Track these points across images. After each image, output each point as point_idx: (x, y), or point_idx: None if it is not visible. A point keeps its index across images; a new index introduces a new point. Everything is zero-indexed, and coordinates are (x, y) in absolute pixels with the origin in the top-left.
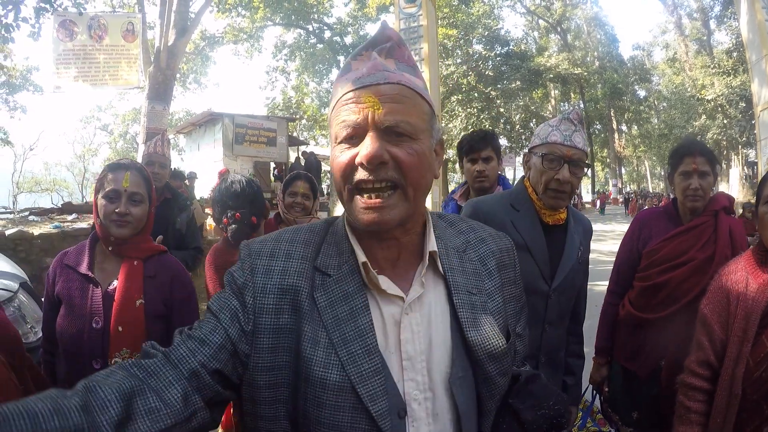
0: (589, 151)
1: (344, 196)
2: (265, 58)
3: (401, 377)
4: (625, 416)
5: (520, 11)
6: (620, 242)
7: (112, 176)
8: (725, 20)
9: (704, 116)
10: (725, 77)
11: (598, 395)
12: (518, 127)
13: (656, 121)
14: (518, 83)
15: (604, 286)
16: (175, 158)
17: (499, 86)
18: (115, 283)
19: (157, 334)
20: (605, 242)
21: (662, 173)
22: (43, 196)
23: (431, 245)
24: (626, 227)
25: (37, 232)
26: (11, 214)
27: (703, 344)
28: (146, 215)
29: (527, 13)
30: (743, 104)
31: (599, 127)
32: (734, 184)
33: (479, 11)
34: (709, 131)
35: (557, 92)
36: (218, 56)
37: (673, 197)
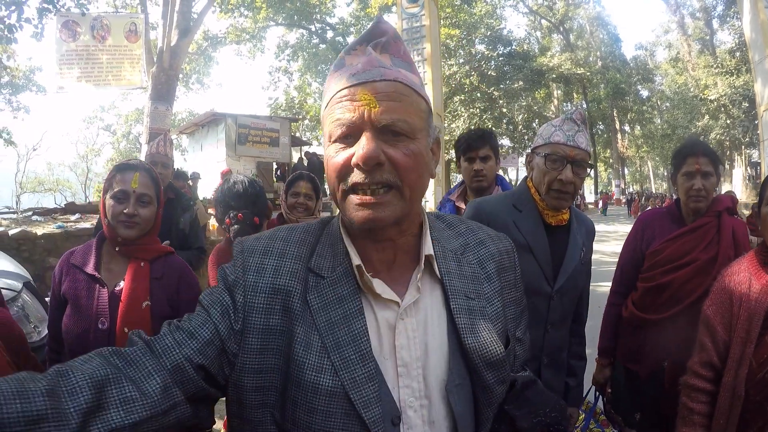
0: (592, 151)
1: (338, 195)
2: (267, 58)
3: (396, 384)
4: (627, 417)
5: (522, 11)
6: (623, 243)
7: (120, 177)
8: (728, 20)
9: (707, 116)
10: (728, 77)
11: (601, 396)
12: (521, 127)
13: (659, 121)
14: (521, 83)
15: (606, 286)
16: (178, 158)
17: (501, 86)
18: (121, 284)
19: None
20: (608, 243)
21: (665, 174)
22: (46, 196)
23: (428, 248)
24: (629, 228)
25: (40, 232)
26: (14, 214)
27: (706, 345)
28: (154, 216)
29: (530, 12)
30: (746, 104)
31: (602, 127)
32: (737, 184)
33: (482, 11)
34: (712, 131)
35: (560, 92)
36: (221, 56)
37: (676, 198)
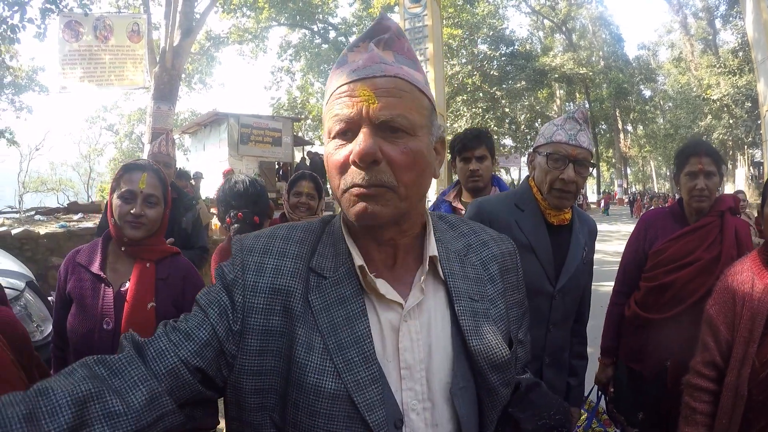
0: (594, 150)
1: (338, 193)
2: (270, 58)
3: (399, 386)
4: (630, 417)
5: (524, 11)
6: (626, 243)
7: (128, 176)
8: (731, 19)
9: (710, 116)
10: (731, 77)
11: (603, 396)
12: (523, 127)
13: (662, 121)
14: (523, 83)
15: (609, 286)
16: (180, 158)
17: (504, 86)
18: (127, 284)
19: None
20: (610, 243)
21: (668, 173)
22: (48, 195)
23: (431, 249)
24: (631, 228)
25: (43, 231)
26: (17, 213)
27: (708, 345)
28: (161, 217)
29: (532, 12)
30: (749, 104)
31: (604, 127)
32: (740, 184)
33: (484, 11)
34: (714, 131)
35: (562, 92)
36: (223, 56)
37: (678, 197)
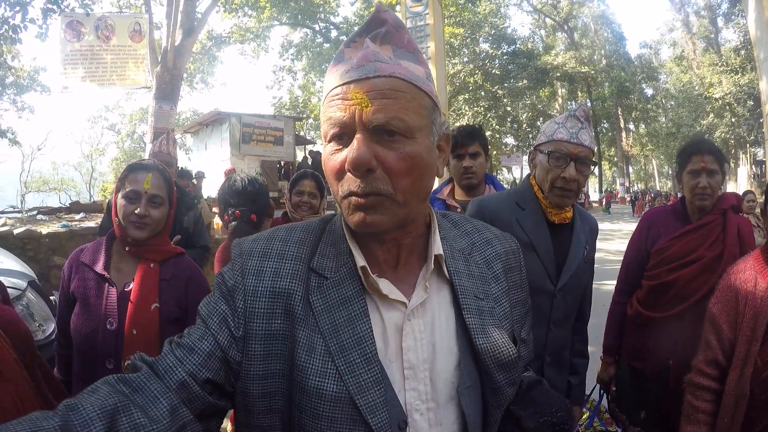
0: (596, 149)
1: (338, 198)
2: (271, 57)
3: (402, 387)
4: (632, 416)
5: (526, 9)
6: (628, 241)
7: (133, 176)
8: (733, 18)
9: (712, 114)
10: (733, 75)
11: (605, 395)
12: (525, 125)
13: (664, 119)
14: (525, 82)
15: (611, 285)
16: (182, 158)
17: (506, 85)
18: (131, 284)
19: (171, 336)
20: (612, 241)
21: (670, 172)
22: (51, 195)
23: (437, 248)
24: (633, 226)
25: (45, 231)
26: (19, 213)
27: (711, 343)
28: (165, 218)
29: (534, 11)
30: (751, 102)
31: (606, 125)
32: (742, 183)
33: (486, 10)
34: (717, 130)
35: (564, 91)
36: (225, 56)
37: (681, 196)
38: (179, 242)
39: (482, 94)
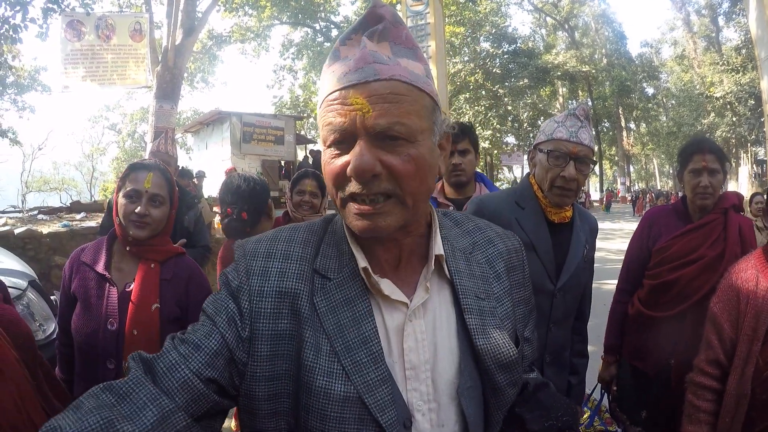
0: (596, 148)
1: (337, 202)
2: (272, 56)
3: (404, 387)
4: (633, 415)
5: (527, 9)
6: (629, 240)
7: (134, 176)
8: (734, 17)
9: (713, 114)
10: (734, 74)
11: (606, 394)
12: (526, 125)
13: (665, 118)
14: (526, 81)
15: (612, 284)
16: (183, 157)
17: (506, 84)
18: (131, 284)
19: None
20: (613, 241)
21: (671, 171)
22: (51, 195)
23: (438, 248)
24: (634, 226)
25: (46, 230)
26: (20, 213)
27: (712, 343)
28: (166, 217)
29: (534, 10)
30: (752, 102)
31: (607, 125)
32: (743, 182)
33: (486, 9)
34: (717, 129)
35: (565, 90)
36: (225, 55)
37: (682, 195)
38: (174, 240)
39: (483, 93)
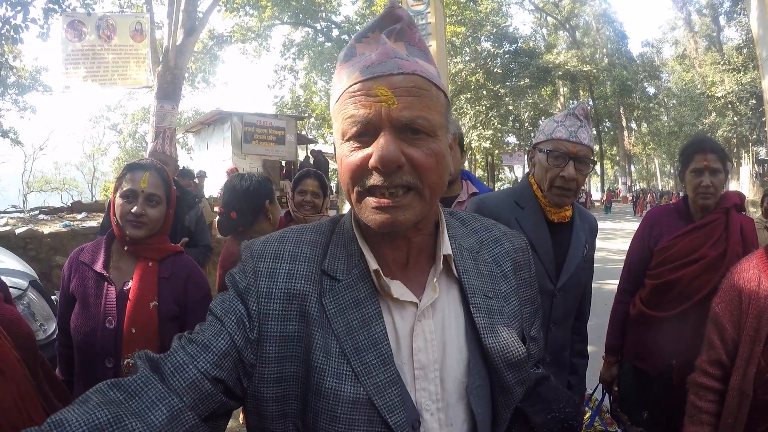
0: (596, 147)
1: (353, 197)
2: (273, 56)
3: (413, 387)
4: (634, 416)
5: (528, 8)
6: (630, 240)
7: (130, 176)
8: (735, 16)
9: (714, 113)
10: (735, 74)
11: (607, 394)
12: (527, 124)
13: (666, 118)
14: (527, 81)
15: (613, 284)
16: (184, 157)
17: (507, 84)
18: (129, 283)
19: (170, 335)
20: (614, 241)
21: (672, 171)
22: (52, 195)
23: (446, 248)
24: (635, 226)
25: (47, 230)
26: (21, 213)
27: (714, 343)
28: (163, 217)
29: (535, 10)
30: (753, 101)
31: (608, 124)
32: (745, 181)
33: (487, 8)
34: (719, 128)
35: (566, 89)
36: (226, 55)
37: (683, 194)
38: (177, 240)
39: (484, 93)
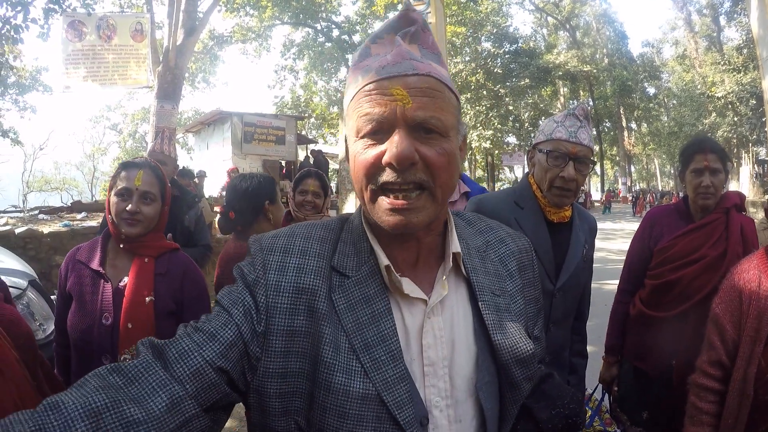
0: (596, 147)
1: (366, 195)
2: (273, 56)
3: (423, 384)
4: (634, 416)
5: (528, 8)
6: (630, 240)
7: (125, 174)
8: (735, 16)
9: (714, 114)
10: (735, 74)
11: (607, 394)
12: (527, 124)
13: (666, 118)
14: (527, 81)
15: (613, 284)
16: (184, 157)
17: (507, 84)
18: (125, 279)
19: (167, 331)
20: (614, 241)
21: (672, 171)
22: (52, 195)
23: (455, 246)
24: (635, 226)
25: (46, 230)
26: (21, 212)
27: (714, 344)
28: (158, 214)
29: (536, 10)
30: (754, 101)
31: (608, 124)
32: (744, 182)
33: (488, 9)
34: (719, 129)
35: (566, 90)
36: (227, 55)
37: (684, 194)
38: (180, 240)
39: (484, 93)
